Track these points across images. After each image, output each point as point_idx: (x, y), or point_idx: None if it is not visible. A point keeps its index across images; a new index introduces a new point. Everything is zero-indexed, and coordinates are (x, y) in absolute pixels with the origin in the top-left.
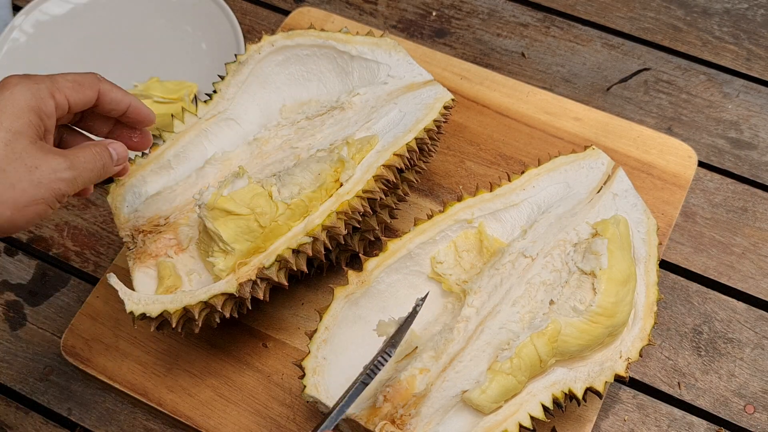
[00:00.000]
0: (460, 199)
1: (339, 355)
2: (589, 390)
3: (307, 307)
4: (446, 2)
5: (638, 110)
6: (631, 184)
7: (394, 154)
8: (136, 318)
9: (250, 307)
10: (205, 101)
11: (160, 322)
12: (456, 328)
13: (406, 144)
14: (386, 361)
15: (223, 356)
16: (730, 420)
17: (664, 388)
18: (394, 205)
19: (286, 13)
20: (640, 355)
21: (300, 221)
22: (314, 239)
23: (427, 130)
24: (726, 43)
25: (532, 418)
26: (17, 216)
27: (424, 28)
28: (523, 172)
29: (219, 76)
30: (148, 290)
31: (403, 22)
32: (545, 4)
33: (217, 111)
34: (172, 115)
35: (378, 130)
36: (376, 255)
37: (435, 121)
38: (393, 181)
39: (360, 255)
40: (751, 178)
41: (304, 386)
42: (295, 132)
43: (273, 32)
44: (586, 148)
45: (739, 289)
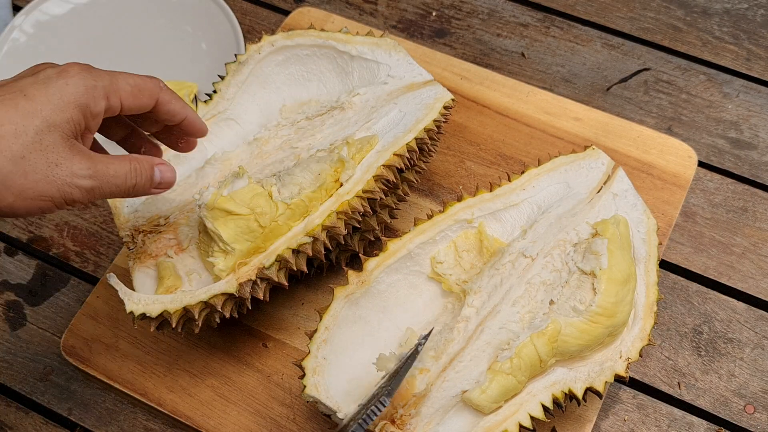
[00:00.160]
0: (460, 199)
1: (339, 355)
2: (589, 390)
3: (307, 307)
4: (446, 2)
5: (638, 110)
6: (631, 184)
7: (394, 154)
8: (136, 318)
9: (250, 307)
10: (205, 101)
11: (160, 322)
12: (456, 328)
13: (406, 144)
14: (381, 411)
15: (223, 356)
16: (730, 420)
17: (664, 388)
18: (394, 205)
19: (286, 13)
20: (640, 355)
21: (300, 221)
22: (314, 239)
23: (427, 130)
24: (726, 43)
25: (532, 418)
26: (19, 204)
27: (424, 28)
28: (523, 172)
29: (219, 76)
30: (148, 290)
31: (403, 22)
32: (545, 4)
33: (217, 111)
34: None
35: (378, 130)
36: (376, 255)
37: (435, 121)
38: (393, 181)
39: (360, 255)
40: (751, 178)
41: (304, 386)
42: (295, 132)
43: (273, 32)
44: (586, 148)
45: (739, 289)
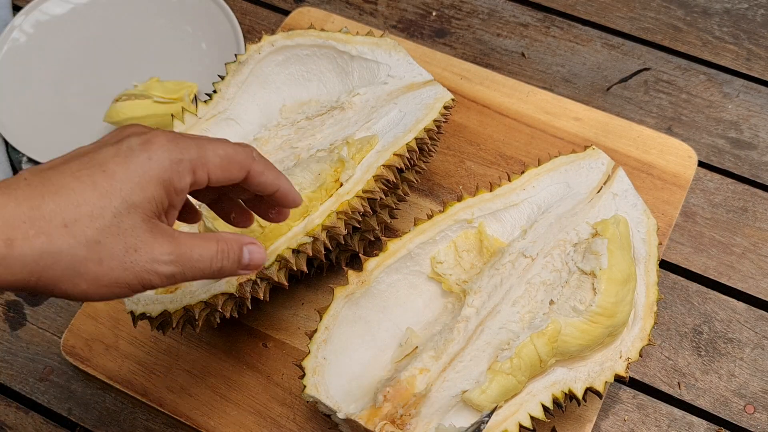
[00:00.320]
0: (460, 199)
1: (339, 355)
2: (589, 390)
3: (307, 307)
4: (446, 2)
5: (638, 110)
6: (631, 184)
7: (394, 154)
8: (136, 318)
9: (250, 307)
10: (205, 101)
11: (161, 322)
12: (456, 328)
13: (406, 144)
14: None
15: (223, 356)
16: (730, 420)
17: (664, 388)
18: (394, 205)
19: (286, 13)
20: (640, 355)
21: (300, 221)
22: (314, 239)
23: (427, 130)
24: (726, 43)
25: (532, 418)
26: (92, 291)
27: (424, 28)
28: (523, 172)
29: (219, 76)
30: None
31: (403, 22)
32: (545, 4)
33: (217, 111)
34: (172, 115)
35: (378, 130)
36: (376, 255)
37: (435, 121)
38: (393, 181)
39: (360, 255)
40: (751, 178)
41: (304, 386)
42: (295, 132)
43: (273, 32)
44: (586, 148)
45: (739, 289)
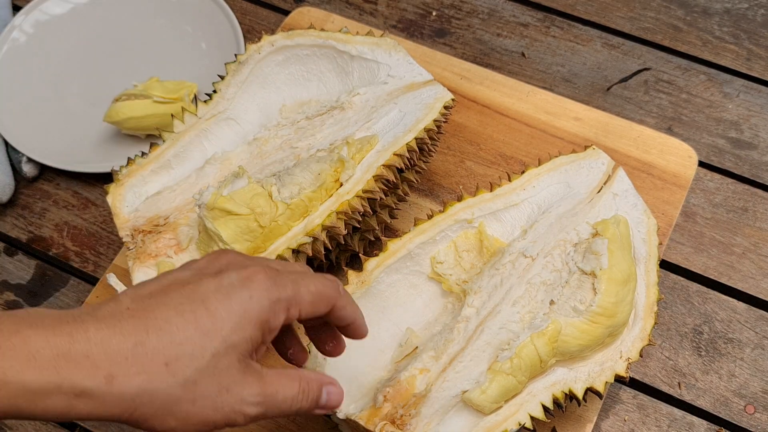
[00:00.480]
0: (460, 199)
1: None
2: (590, 390)
3: None
4: (446, 2)
5: (638, 110)
6: (632, 184)
7: (394, 154)
8: None
9: None
10: (205, 101)
11: None
12: (456, 329)
13: (406, 144)
14: None
15: None
16: (730, 420)
17: (665, 388)
18: (394, 205)
19: (286, 13)
20: (641, 355)
21: (300, 221)
22: (314, 239)
23: (427, 130)
24: (726, 43)
25: (533, 419)
26: (179, 429)
27: (424, 28)
28: (523, 172)
29: (219, 76)
30: None
31: (403, 22)
32: (545, 4)
33: (216, 111)
34: (172, 115)
35: (378, 130)
36: (376, 255)
37: (435, 120)
38: (393, 181)
39: (360, 255)
40: (752, 178)
41: None
42: (295, 132)
43: (273, 32)
44: (586, 147)
45: (740, 289)
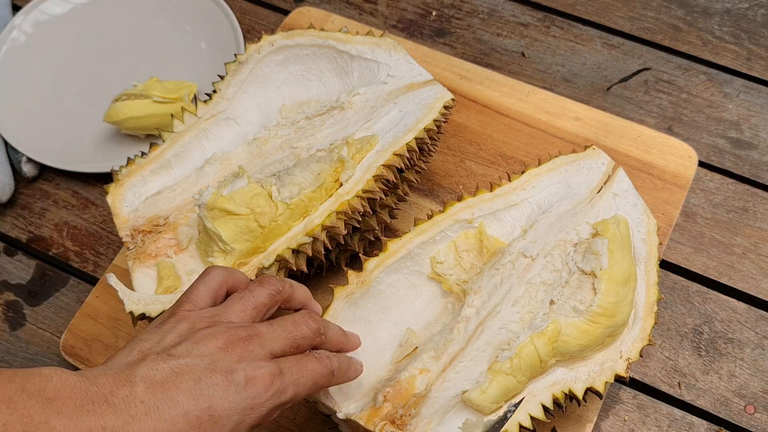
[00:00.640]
0: (460, 199)
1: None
2: (590, 390)
3: None
4: (446, 2)
5: (638, 110)
6: (632, 184)
7: (394, 154)
8: (136, 318)
9: None
10: (205, 101)
11: None
12: (456, 329)
13: (406, 144)
14: None
15: None
16: (730, 420)
17: (665, 388)
18: (394, 205)
19: (286, 13)
20: (641, 355)
21: (300, 221)
22: (314, 239)
23: (427, 130)
24: (726, 43)
25: (532, 419)
26: None
27: (424, 28)
28: (523, 172)
29: (219, 75)
30: (148, 290)
31: (403, 21)
32: (545, 3)
33: (216, 111)
34: (172, 115)
35: (378, 130)
36: (376, 255)
37: (435, 120)
38: (393, 181)
39: (360, 255)
40: (752, 178)
41: None
42: (295, 132)
43: (273, 32)
44: (586, 147)
45: (740, 289)
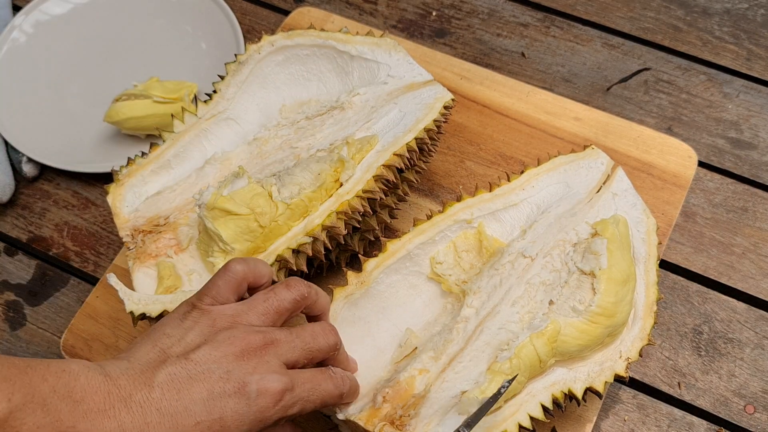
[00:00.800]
0: (459, 199)
1: None
2: (589, 390)
3: None
4: (446, 2)
5: (638, 110)
6: (631, 184)
7: (394, 154)
8: (136, 318)
9: None
10: (205, 101)
11: None
12: (455, 329)
13: (406, 144)
14: None
15: None
16: (730, 420)
17: (664, 388)
18: (394, 205)
19: (286, 13)
20: (640, 355)
21: (300, 221)
22: (314, 239)
23: (427, 130)
24: (726, 43)
25: (532, 419)
26: None
27: (424, 28)
28: (522, 172)
29: (219, 76)
30: (148, 290)
31: (403, 22)
32: (545, 4)
33: (216, 111)
34: (172, 115)
35: (378, 130)
36: (376, 255)
37: (435, 121)
38: (393, 181)
39: (359, 255)
40: (752, 178)
41: None
42: (295, 132)
43: (273, 32)
44: (585, 147)
45: (739, 289)
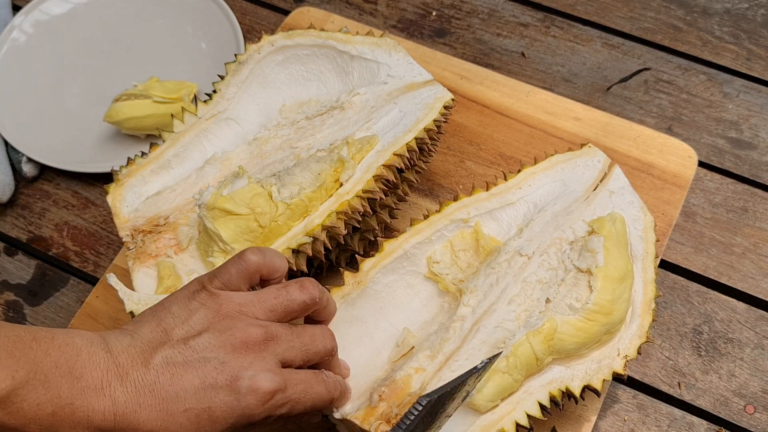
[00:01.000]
0: (456, 199)
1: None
2: (587, 388)
3: None
4: (446, 2)
5: (638, 110)
6: (628, 182)
7: (394, 154)
8: None
9: None
10: (205, 101)
11: None
12: (452, 328)
13: (406, 144)
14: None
15: None
16: (730, 420)
17: (664, 388)
18: (394, 205)
19: (286, 13)
20: (639, 353)
21: (300, 221)
22: (314, 239)
23: (427, 130)
24: (726, 43)
25: (530, 417)
26: None
27: (424, 28)
28: (519, 171)
29: (219, 75)
30: (148, 290)
31: (403, 22)
32: (545, 4)
33: (216, 111)
34: (172, 115)
35: (378, 130)
36: (373, 255)
37: (435, 120)
38: (393, 181)
39: (359, 255)
40: (751, 178)
41: None
42: (295, 132)
43: (273, 32)
44: (582, 145)
45: (739, 289)
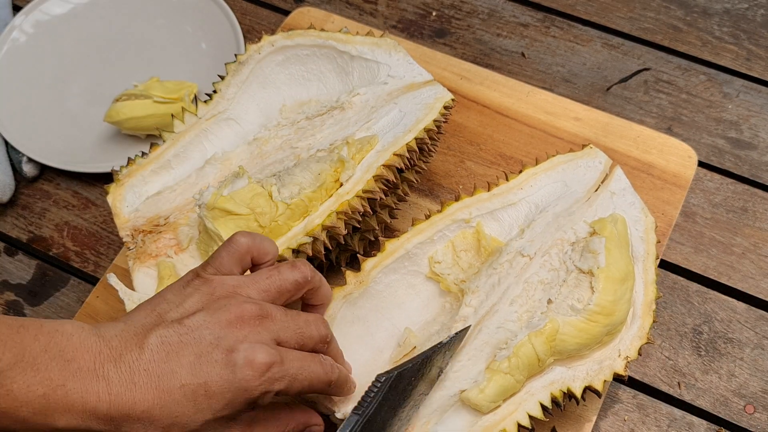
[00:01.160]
0: (457, 199)
1: None
2: (588, 389)
3: None
4: (446, 2)
5: (638, 110)
6: (629, 183)
7: (394, 154)
8: None
9: None
10: (205, 101)
11: None
12: (454, 328)
13: (406, 144)
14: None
15: None
16: (730, 420)
17: (664, 388)
18: (394, 205)
19: (286, 13)
20: (639, 354)
21: (300, 221)
22: (314, 239)
23: (427, 130)
24: (726, 43)
25: (531, 418)
26: None
27: (424, 28)
28: (520, 172)
29: (219, 76)
30: (149, 290)
31: (403, 22)
32: (545, 4)
33: (217, 111)
34: (172, 115)
35: (378, 130)
36: (375, 255)
37: (435, 121)
38: (393, 181)
39: (359, 255)
40: (751, 178)
41: None
42: (295, 132)
43: (273, 32)
44: (583, 146)
45: (739, 289)
